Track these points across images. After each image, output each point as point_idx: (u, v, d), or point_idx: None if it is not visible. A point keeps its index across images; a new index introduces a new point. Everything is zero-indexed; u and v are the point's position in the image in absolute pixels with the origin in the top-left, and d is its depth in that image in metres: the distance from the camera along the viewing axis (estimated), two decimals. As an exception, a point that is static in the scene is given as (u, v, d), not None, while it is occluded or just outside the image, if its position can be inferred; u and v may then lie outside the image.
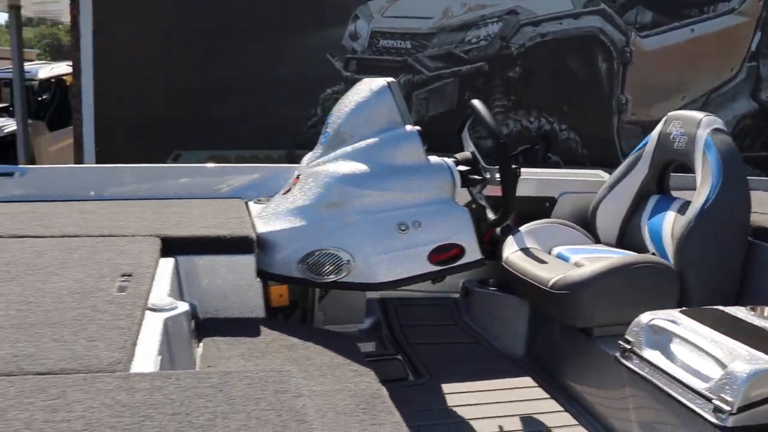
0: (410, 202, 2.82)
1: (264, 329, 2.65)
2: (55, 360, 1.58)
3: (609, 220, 3.83)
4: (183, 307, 2.15)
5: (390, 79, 2.99)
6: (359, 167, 2.83)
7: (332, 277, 2.76)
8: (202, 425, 1.30)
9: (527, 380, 3.40)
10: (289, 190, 3.04)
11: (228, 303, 2.78)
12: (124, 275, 2.22)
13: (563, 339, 3.43)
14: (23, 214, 3.06)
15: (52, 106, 11.84)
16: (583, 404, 3.20)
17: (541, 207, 4.01)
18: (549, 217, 3.98)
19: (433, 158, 2.94)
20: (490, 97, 7.49)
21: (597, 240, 3.84)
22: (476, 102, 3.20)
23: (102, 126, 7.67)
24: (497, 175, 3.08)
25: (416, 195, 2.83)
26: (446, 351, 3.60)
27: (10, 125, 11.37)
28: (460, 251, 2.85)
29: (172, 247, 2.67)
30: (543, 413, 3.14)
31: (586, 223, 3.90)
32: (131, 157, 4.75)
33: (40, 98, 12.08)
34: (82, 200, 3.42)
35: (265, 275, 2.81)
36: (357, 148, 2.89)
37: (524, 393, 3.30)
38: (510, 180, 3.00)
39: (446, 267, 2.83)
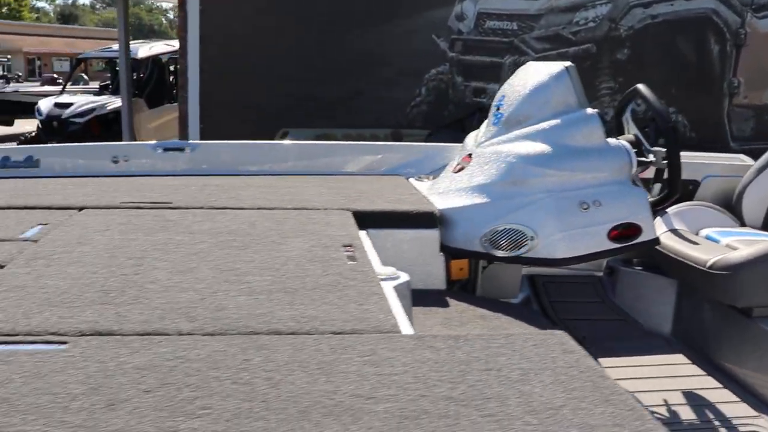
0: (590, 182, 2.91)
1: (450, 300, 2.78)
2: (341, 321, 1.72)
3: (756, 204, 3.85)
4: (404, 276, 2.28)
5: (568, 63, 3.08)
6: (541, 147, 2.93)
7: (516, 252, 2.87)
8: (519, 379, 1.42)
9: (680, 357, 3.46)
10: (461, 169, 3.15)
11: (411, 275, 2.91)
12: (345, 246, 2.36)
13: (715, 318, 3.47)
14: (207, 186, 3.25)
15: (149, 84, 12.19)
16: (741, 382, 3.26)
17: (684, 189, 4.04)
18: (692, 200, 4.02)
19: (612, 140, 3.02)
20: (596, 80, 7.48)
21: (741, 223, 3.87)
22: (641, 86, 3.26)
23: (207, 104, 7.90)
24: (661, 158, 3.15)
25: (596, 175, 2.92)
26: (595, 327, 3.68)
27: (112, 102, 11.78)
28: (638, 230, 2.93)
29: (362, 220, 2.81)
30: (702, 389, 3.20)
31: (729, 206, 3.93)
32: (236, 135, 4.93)
33: (138, 76, 12.45)
34: (249, 174, 3.60)
35: (446, 249, 2.93)
36: (537, 130, 2.98)
37: (680, 369, 3.37)
38: (677, 163, 3.07)
39: (624, 245, 2.92)
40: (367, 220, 2.82)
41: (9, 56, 29.14)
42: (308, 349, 1.53)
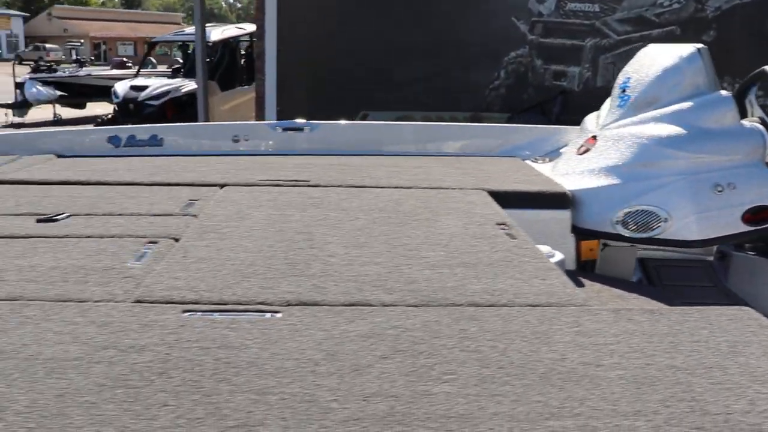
0: (724, 164, 2.93)
1: (584, 281, 2.82)
2: (533, 295, 1.78)
3: None
4: (559, 255, 2.34)
5: (700, 45, 3.09)
6: (674, 130, 2.96)
7: (648, 234, 2.91)
8: (730, 351, 1.47)
9: None
10: (586, 150, 3.18)
11: None
12: (498, 224, 2.43)
13: (835, 304, 3.46)
14: (334, 166, 3.33)
15: (221, 67, 12.35)
16: None
17: None
18: None
19: (746, 123, 3.03)
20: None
21: None
22: None
23: (284, 86, 8.00)
24: None
25: (730, 158, 2.94)
26: None
27: (186, 85, 11.99)
28: None
29: (496, 199, 2.87)
30: None
31: None
32: (313, 117, 5.01)
33: (210, 59, 12.63)
34: (368, 155, 3.68)
35: (577, 230, 2.98)
36: (669, 112, 3.01)
37: None
38: None
39: (757, 228, 2.93)
40: (501, 199, 2.88)
41: (82, 41, 29.96)
42: (517, 320, 1.60)
